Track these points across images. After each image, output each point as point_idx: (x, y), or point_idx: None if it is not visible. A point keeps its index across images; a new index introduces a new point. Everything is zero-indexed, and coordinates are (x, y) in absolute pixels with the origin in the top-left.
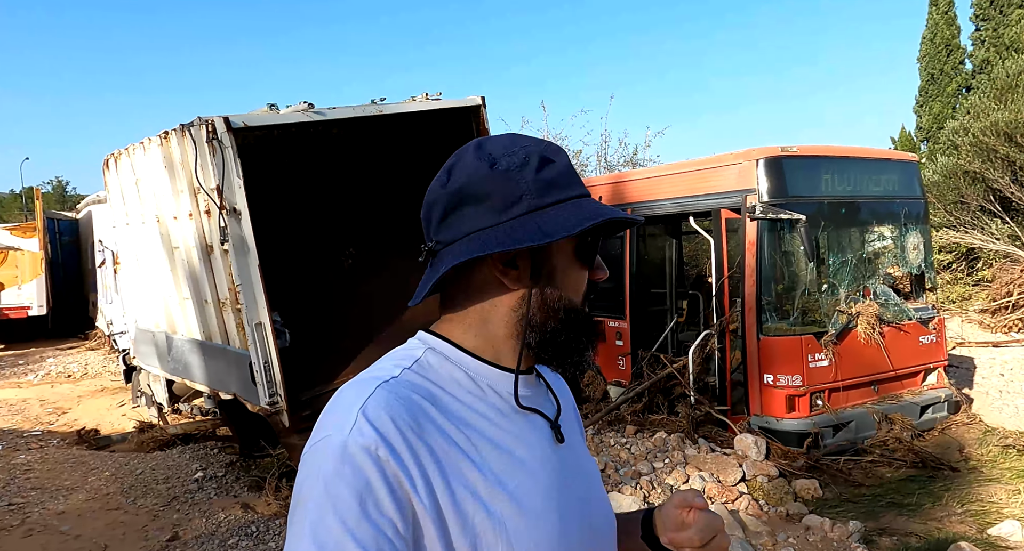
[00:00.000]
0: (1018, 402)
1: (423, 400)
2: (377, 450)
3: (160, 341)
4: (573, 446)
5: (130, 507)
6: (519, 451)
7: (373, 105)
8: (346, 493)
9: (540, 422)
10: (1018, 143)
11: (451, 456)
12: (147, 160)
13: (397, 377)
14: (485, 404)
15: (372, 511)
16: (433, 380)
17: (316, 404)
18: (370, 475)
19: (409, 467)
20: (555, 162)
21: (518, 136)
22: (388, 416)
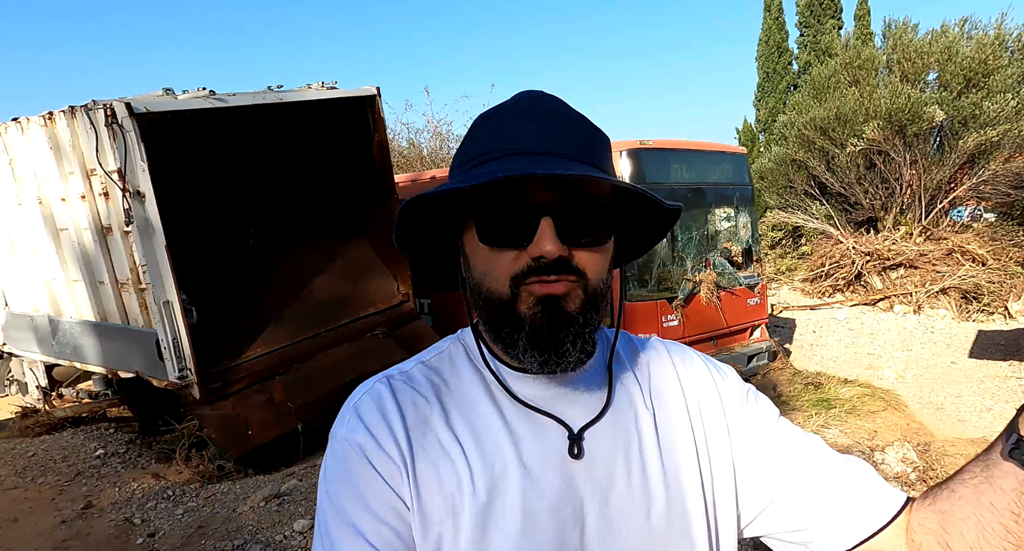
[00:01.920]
0: (822, 352)
1: (420, 396)
2: (364, 445)
3: (41, 325)
4: (600, 463)
5: (30, 485)
6: (515, 459)
7: (272, 92)
8: (343, 489)
9: (556, 430)
10: (830, 136)
11: (434, 456)
12: (25, 140)
13: (406, 371)
14: (490, 403)
15: (372, 503)
16: (444, 375)
17: (225, 377)
18: (362, 469)
19: (396, 461)
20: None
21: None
22: (378, 412)
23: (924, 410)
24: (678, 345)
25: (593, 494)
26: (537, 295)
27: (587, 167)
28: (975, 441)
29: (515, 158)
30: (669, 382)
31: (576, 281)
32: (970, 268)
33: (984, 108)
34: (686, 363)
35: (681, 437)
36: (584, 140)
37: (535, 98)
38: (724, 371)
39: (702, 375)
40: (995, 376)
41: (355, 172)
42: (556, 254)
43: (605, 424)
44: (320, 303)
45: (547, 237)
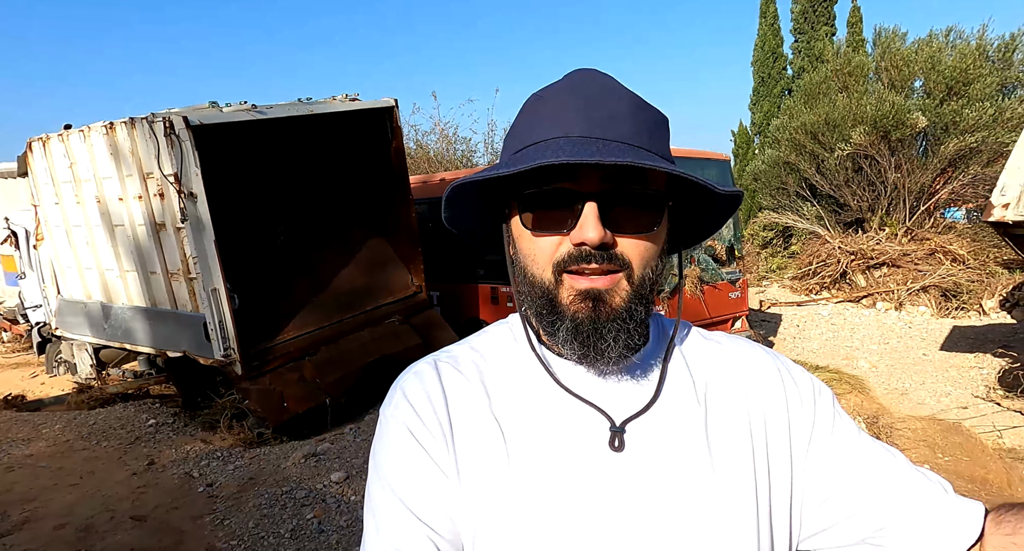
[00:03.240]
0: (804, 345)
1: (464, 378)
2: (410, 422)
3: (94, 310)
4: (642, 458)
5: (96, 448)
6: (555, 445)
7: (304, 104)
8: (390, 464)
9: (599, 420)
10: (820, 140)
11: (475, 437)
12: (87, 146)
13: (453, 353)
14: (534, 389)
15: (417, 478)
16: (489, 359)
17: (263, 356)
18: (408, 445)
19: (438, 439)
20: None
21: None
22: (423, 392)
23: (889, 394)
24: (748, 343)
25: (633, 489)
26: (578, 288)
27: (637, 151)
28: (923, 419)
29: (562, 142)
30: (729, 381)
31: (621, 271)
32: (950, 267)
33: (964, 115)
34: (753, 362)
35: (734, 441)
36: (636, 121)
37: (585, 78)
38: (796, 375)
39: (771, 377)
40: (960, 366)
41: (374, 175)
42: (599, 240)
43: (650, 419)
44: (344, 292)
45: (590, 223)
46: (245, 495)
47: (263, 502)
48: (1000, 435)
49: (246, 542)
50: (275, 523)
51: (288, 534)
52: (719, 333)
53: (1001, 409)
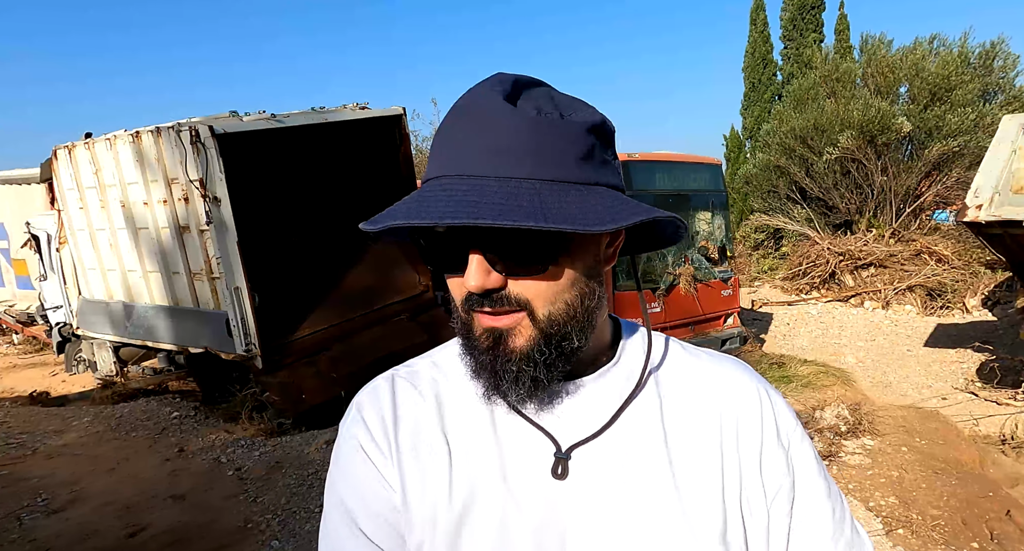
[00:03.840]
0: (793, 342)
1: (419, 395)
2: (362, 439)
3: (116, 310)
4: (591, 488)
5: (126, 438)
6: (498, 471)
7: (318, 113)
8: (342, 479)
9: (545, 445)
10: (809, 145)
11: (423, 459)
12: (112, 154)
13: (413, 368)
14: (485, 408)
15: (366, 494)
16: (448, 374)
17: (281, 351)
18: (359, 461)
19: (388, 458)
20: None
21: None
22: (376, 409)
23: (873, 386)
24: (735, 364)
25: (580, 521)
26: (483, 326)
27: (519, 188)
28: (903, 407)
29: (443, 184)
30: (703, 404)
31: (520, 312)
32: (935, 267)
33: (947, 120)
34: (735, 386)
35: (702, 471)
36: (527, 149)
37: (485, 94)
38: (780, 410)
39: (751, 405)
40: (943, 361)
41: (383, 179)
42: (479, 289)
43: (603, 444)
44: (355, 291)
45: (472, 272)
46: (273, 477)
47: (291, 482)
48: (976, 423)
49: (280, 516)
50: (304, 500)
51: (318, 509)
52: (703, 350)
53: (978, 400)
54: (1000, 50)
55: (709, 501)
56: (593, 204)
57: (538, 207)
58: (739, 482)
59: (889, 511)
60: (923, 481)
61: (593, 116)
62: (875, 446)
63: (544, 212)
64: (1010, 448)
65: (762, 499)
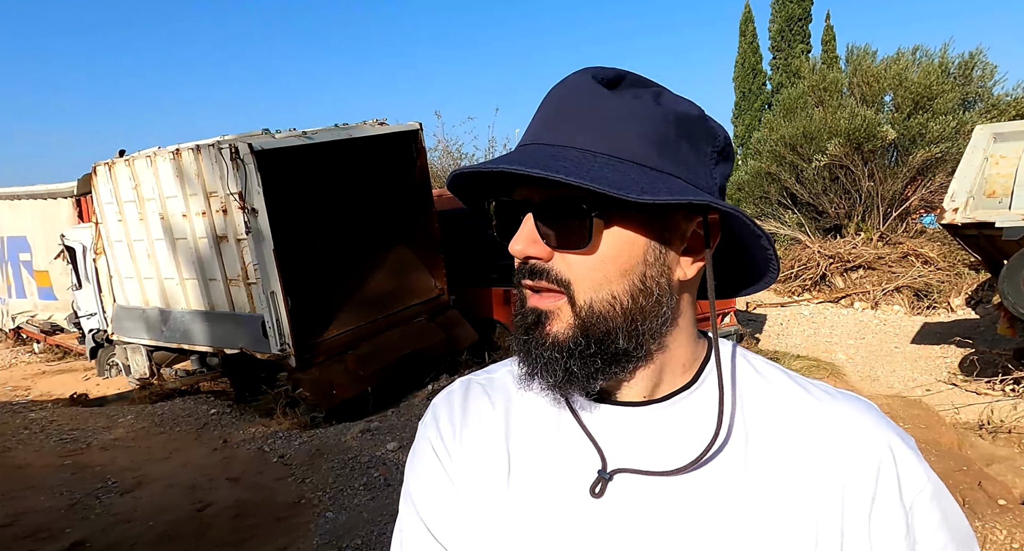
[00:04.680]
0: (786, 341)
1: (490, 404)
2: (432, 439)
3: (152, 316)
4: (637, 516)
5: (171, 432)
6: (550, 484)
7: (343, 129)
8: (413, 474)
9: (593, 461)
10: (799, 152)
11: (482, 466)
12: (153, 170)
13: (492, 374)
14: (554, 420)
15: (433, 491)
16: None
17: (312, 350)
18: (429, 459)
19: (452, 457)
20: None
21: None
22: (447, 412)
23: (862, 380)
24: (856, 403)
25: (612, 545)
26: (526, 304)
27: (586, 154)
28: (889, 396)
29: (518, 149)
30: (803, 446)
31: (561, 293)
32: (921, 269)
33: (929, 128)
34: (847, 425)
35: (785, 526)
36: (588, 117)
37: (574, 75)
38: (905, 454)
39: (867, 448)
40: (928, 357)
41: (401, 190)
42: (521, 255)
43: (654, 477)
44: (377, 295)
45: (518, 234)
46: (316, 462)
47: (334, 466)
48: (958, 411)
49: (329, 493)
50: (348, 480)
51: (361, 487)
52: (817, 383)
53: (959, 390)
54: (978, 61)
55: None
56: (645, 180)
57: (579, 168)
58: (839, 546)
59: None
60: None
61: (687, 108)
62: None
63: (583, 172)
64: (987, 432)
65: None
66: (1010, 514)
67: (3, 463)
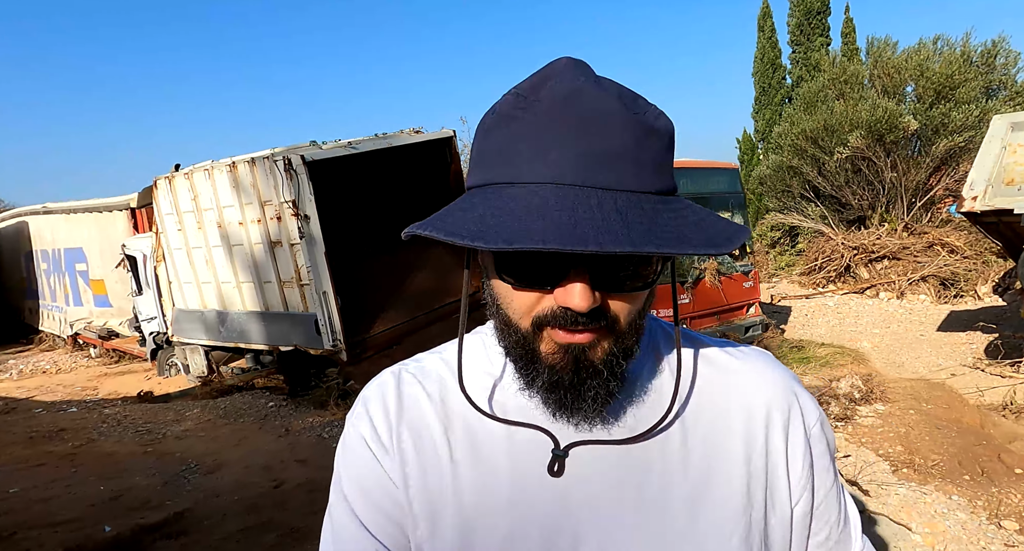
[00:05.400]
0: (812, 331)
1: (424, 392)
2: (365, 434)
3: (210, 317)
4: (599, 487)
5: (236, 423)
6: (506, 469)
7: (383, 138)
8: (346, 473)
9: (544, 442)
10: (820, 145)
11: (424, 455)
12: (211, 182)
13: (421, 363)
14: (488, 406)
15: (370, 489)
16: (454, 370)
17: (361, 345)
18: (363, 456)
19: (390, 452)
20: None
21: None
22: (381, 403)
23: (887, 366)
24: (762, 356)
25: (592, 521)
26: (558, 342)
27: (641, 203)
28: (913, 379)
29: (549, 196)
30: (725, 394)
31: (604, 328)
32: (947, 258)
33: (952, 117)
34: (758, 374)
35: (723, 466)
36: (640, 157)
37: (576, 89)
38: (803, 394)
39: (778, 392)
40: (953, 343)
41: (437, 193)
42: (587, 309)
43: (611, 445)
44: (417, 294)
45: (577, 291)
46: None
47: None
48: (982, 394)
49: None
50: None
51: None
52: (723, 341)
53: (984, 374)
54: (1001, 48)
55: (729, 496)
56: (699, 220)
57: (671, 228)
58: (765, 476)
59: (895, 457)
60: (926, 435)
61: (669, 120)
62: (885, 410)
63: (682, 236)
64: (1010, 412)
65: (787, 493)
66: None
67: (93, 451)
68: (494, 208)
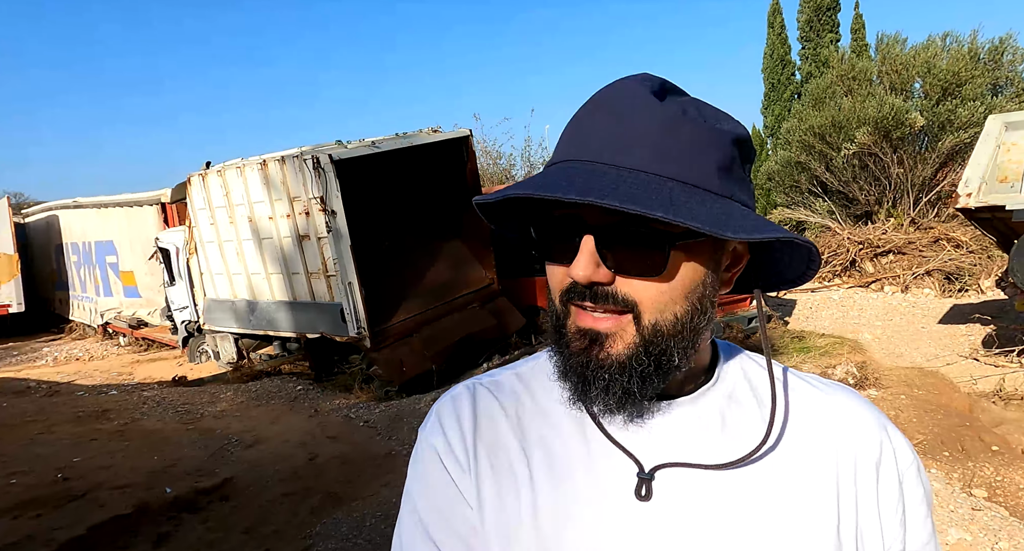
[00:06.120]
0: (815, 323)
1: (500, 407)
2: (439, 447)
3: (240, 307)
4: (685, 514)
5: (267, 405)
6: (586, 491)
7: (404, 138)
8: (417, 486)
9: (629, 465)
10: (828, 141)
11: (499, 472)
12: (242, 179)
13: (496, 378)
14: (573, 425)
15: (440, 503)
16: (532, 388)
17: (383, 333)
18: (435, 470)
19: (464, 467)
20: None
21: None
22: (455, 417)
23: (886, 356)
24: (848, 393)
25: (668, 545)
26: (579, 325)
27: (647, 181)
28: (907, 368)
29: (570, 168)
30: (816, 432)
31: (625, 314)
32: (952, 252)
33: (958, 114)
34: (853, 417)
35: (813, 503)
36: (663, 144)
37: (624, 87)
38: (896, 437)
39: (869, 433)
40: (953, 335)
41: (454, 190)
42: (585, 280)
43: (699, 470)
44: (435, 285)
45: (580, 260)
46: (397, 425)
47: (414, 426)
48: (975, 382)
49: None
50: None
51: None
52: (812, 377)
53: (979, 364)
54: (1008, 45)
55: (819, 535)
56: (728, 213)
57: (667, 201)
58: (855, 518)
59: None
60: (914, 417)
61: (738, 128)
62: (878, 395)
63: (675, 207)
64: (1000, 399)
65: (879, 538)
66: (1000, 457)
67: (139, 428)
68: (526, 179)
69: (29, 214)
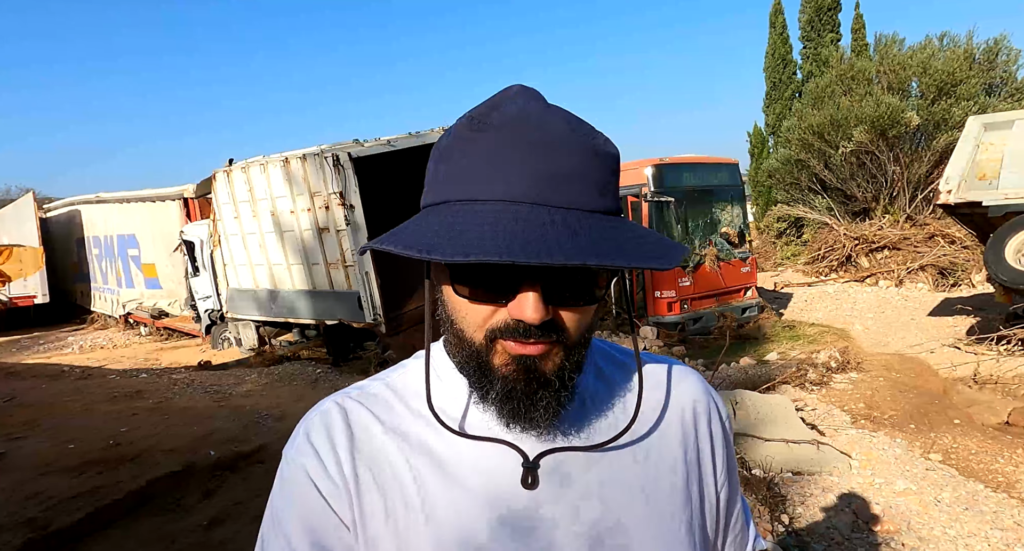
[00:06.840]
0: (809, 315)
1: (374, 418)
2: (309, 467)
3: (262, 295)
4: (571, 495)
5: (291, 386)
6: (476, 488)
7: (417, 137)
8: (286, 509)
9: (513, 457)
10: (826, 139)
11: (382, 483)
12: (265, 175)
13: (365, 389)
14: (444, 429)
15: (314, 525)
16: (404, 396)
17: (397, 320)
18: (306, 491)
19: (340, 486)
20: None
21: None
22: (326, 434)
23: (873, 345)
24: (674, 360)
25: (568, 530)
26: (511, 354)
27: (591, 222)
28: (888, 354)
29: (502, 213)
30: (662, 400)
31: (556, 340)
32: (946, 248)
33: (953, 113)
34: (685, 380)
35: (670, 466)
36: (590, 177)
37: (528, 113)
38: (718, 397)
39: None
40: (940, 326)
41: None
42: (539, 321)
43: (573, 451)
44: None
45: (530, 304)
46: None
47: None
48: (955, 368)
49: None
50: None
51: None
52: (649, 355)
53: (960, 352)
54: (1003, 46)
55: (676, 492)
56: (644, 238)
57: (619, 247)
58: (698, 470)
59: (857, 412)
60: (889, 397)
61: (614, 145)
62: (858, 378)
63: (624, 250)
64: (974, 383)
65: (712, 479)
66: (959, 428)
67: (173, 406)
68: (449, 223)
69: (51, 209)
